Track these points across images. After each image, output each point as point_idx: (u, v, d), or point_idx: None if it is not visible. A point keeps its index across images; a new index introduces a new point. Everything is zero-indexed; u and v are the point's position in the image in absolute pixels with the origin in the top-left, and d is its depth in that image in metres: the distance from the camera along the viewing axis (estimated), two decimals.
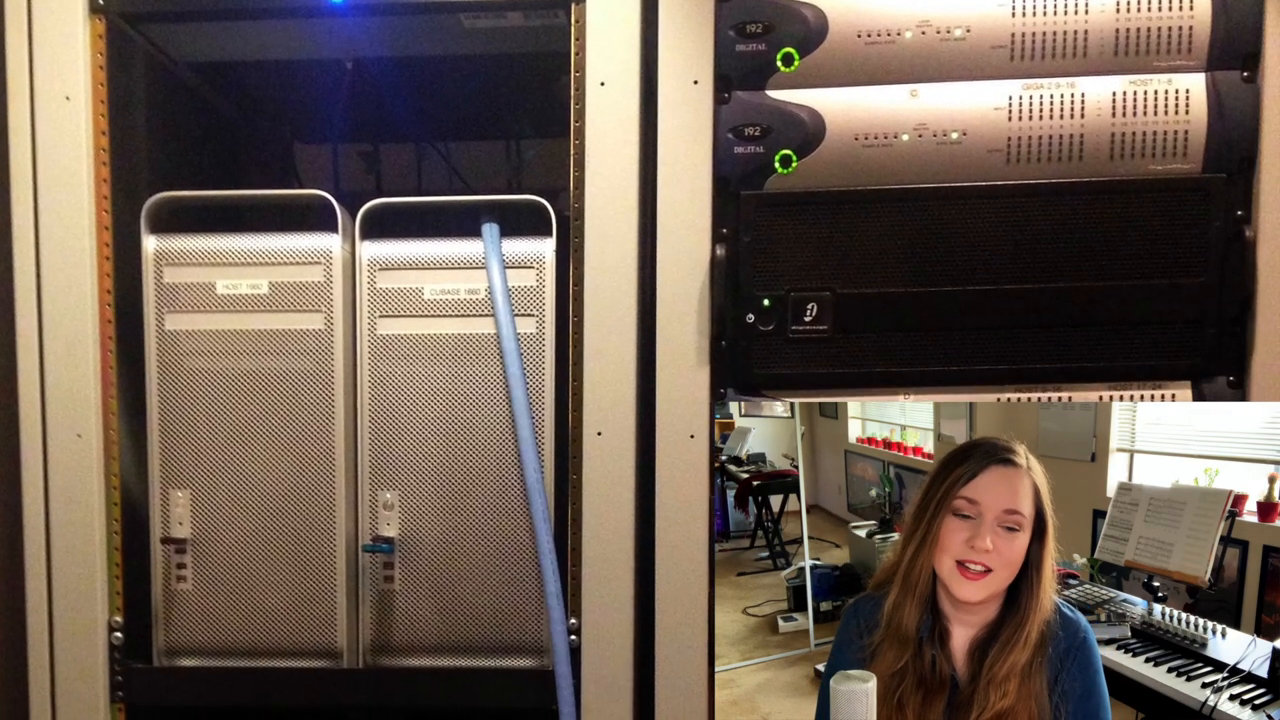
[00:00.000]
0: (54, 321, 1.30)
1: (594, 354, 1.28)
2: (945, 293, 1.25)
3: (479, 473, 1.30)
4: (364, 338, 1.30)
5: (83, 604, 1.32)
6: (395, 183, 1.56)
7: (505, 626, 1.31)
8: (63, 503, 1.31)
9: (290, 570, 1.31)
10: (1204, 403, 1.25)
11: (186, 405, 1.30)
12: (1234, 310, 1.23)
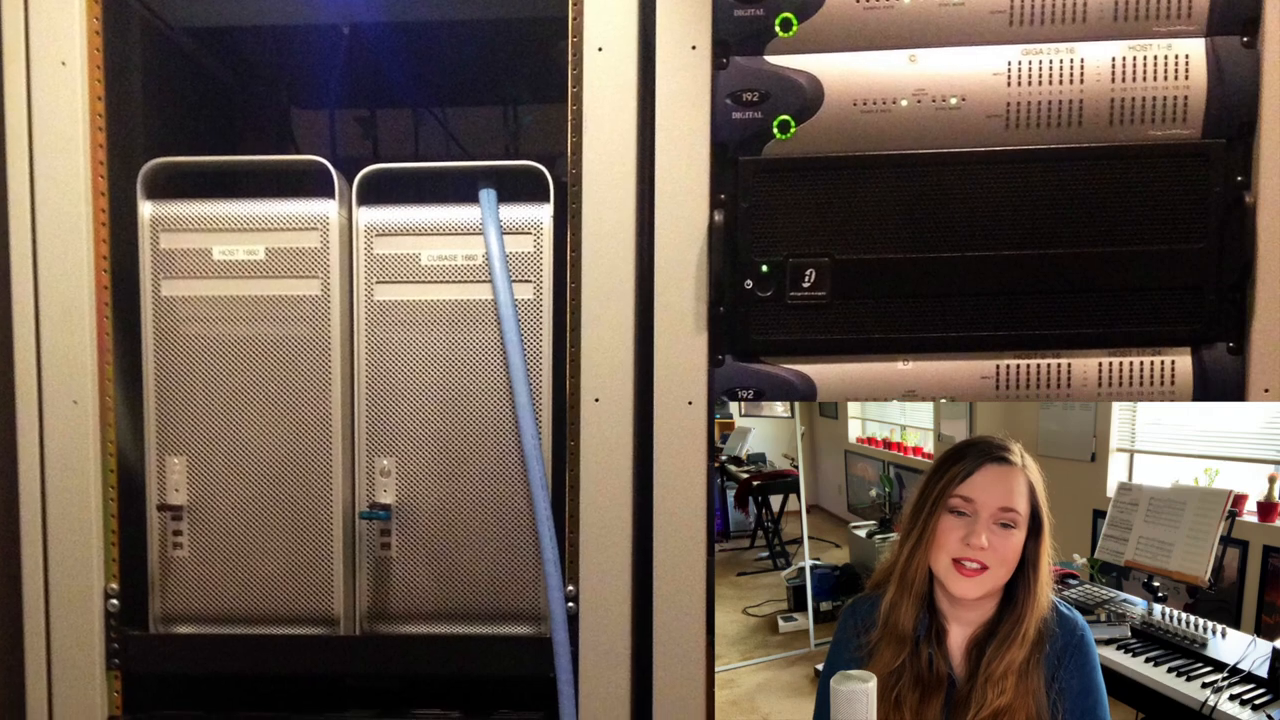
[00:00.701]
0: (50, 288, 1.33)
1: (591, 320, 1.31)
2: (944, 259, 1.28)
3: (476, 439, 1.33)
4: (361, 303, 1.33)
5: (79, 571, 1.35)
6: (392, 148, 1.59)
7: (503, 593, 1.34)
8: (59, 470, 1.34)
9: (287, 537, 1.34)
10: (1204, 403, 1.28)
11: (183, 371, 1.33)
12: (1234, 276, 1.26)
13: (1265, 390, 1.26)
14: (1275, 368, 1.26)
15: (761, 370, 1.31)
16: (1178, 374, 1.28)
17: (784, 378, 1.31)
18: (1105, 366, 1.29)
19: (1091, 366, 1.29)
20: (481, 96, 1.60)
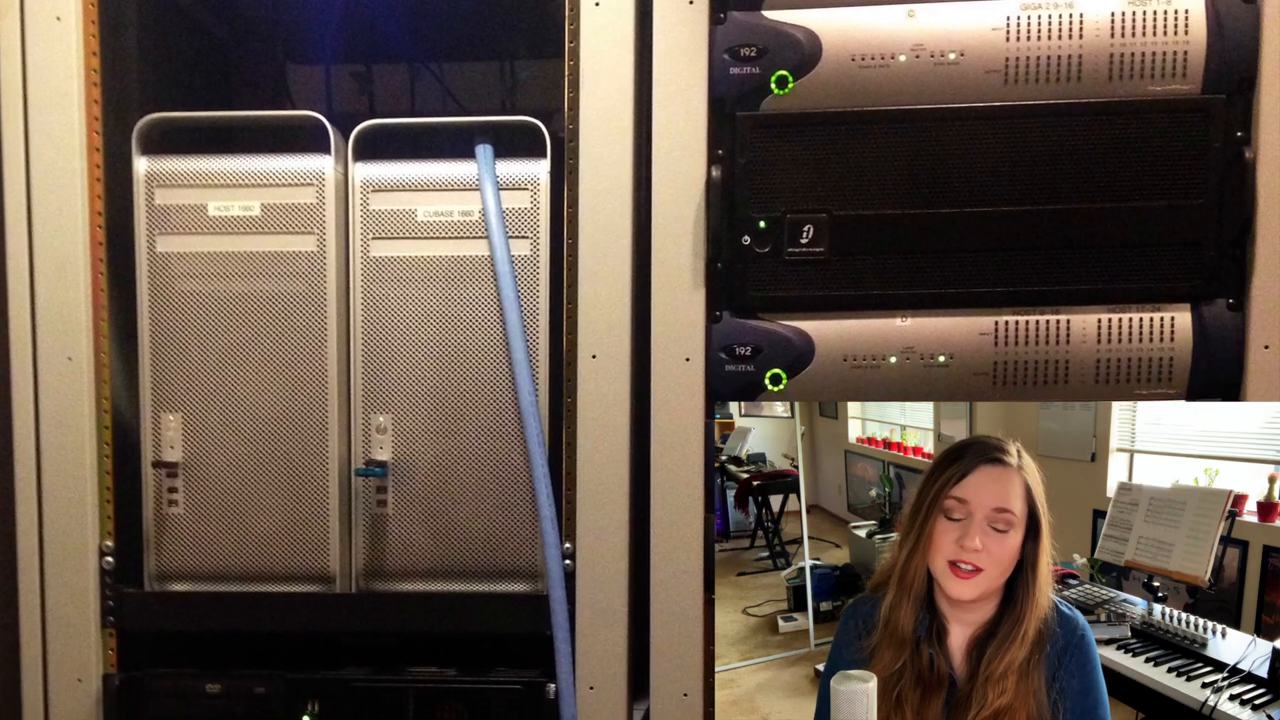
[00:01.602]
0: (44, 244, 1.37)
1: (588, 276, 1.35)
2: (942, 215, 1.32)
3: (473, 396, 1.37)
4: (357, 260, 1.37)
5: (73, 528, 1.39)
6: (388, 104, 1.63)
7: (499, 551, 1.38)
8: (53, 426, 1.38)
9: (282, 494, 1.38)
10: (1203, 402, 1.32)
11: (178, 328, 1.38)
12: (1233, 232, 1.30)
13: (1265, 347, 1.30)
14: (1275, 324, 1.29)
15: (759, 327, 1.35)
16: (1177, 330, 1.32)
17: (782, 334, 1.35)
18: (1104, 323, 1.33)
19: (1090, 323, 1.33)
20: (478, 52, 1.64)
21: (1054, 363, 1.34)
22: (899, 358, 1.35)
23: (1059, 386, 1.33)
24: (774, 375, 1.35)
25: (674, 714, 1.36)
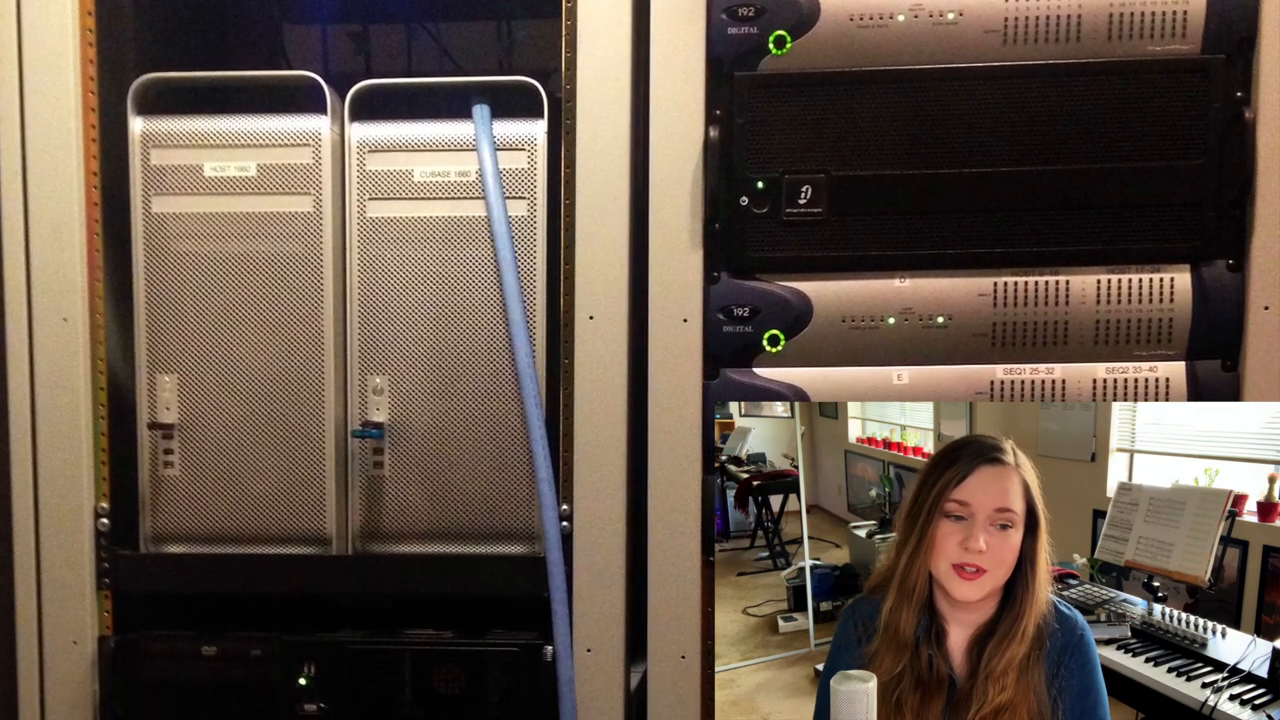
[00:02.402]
0: (39, 204, 1.41)
1: (586, 237, 1.39)
2: (941, 175, 1.35)
3: (470, 357, 1.41)
4: (353, 220, 1.40)
5: (69, 490, 1.43)
6: (385, 64, 1.67)
7: (496, 513, 1.42)
8: (48, 387, 1.42)
9: (279, 456, 1.42)
10: (1203, 402, 1.36)
11: (174, 289, 1.41)
12: (1233, 193, 1.33)
13: (1265, 308, 1.33)
14: (1275, 285, 1.33)
15: (757, 287, 1.39)
16: (1177, 291, 1.35)
17: (779, 295, 1.38)
18: (1104, 283, 1.36)
19: (1090, 284, 1.36)
20: (475, 11, 1.67)
21: (1053, 324, 1.37)
22: (897, 319, 1.38)
23: (1058, 348, 1.37)
24: (772, 336, 1.38)
25: (672, 676, 1.40)
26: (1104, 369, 1.37)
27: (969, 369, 1.38)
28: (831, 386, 1.39)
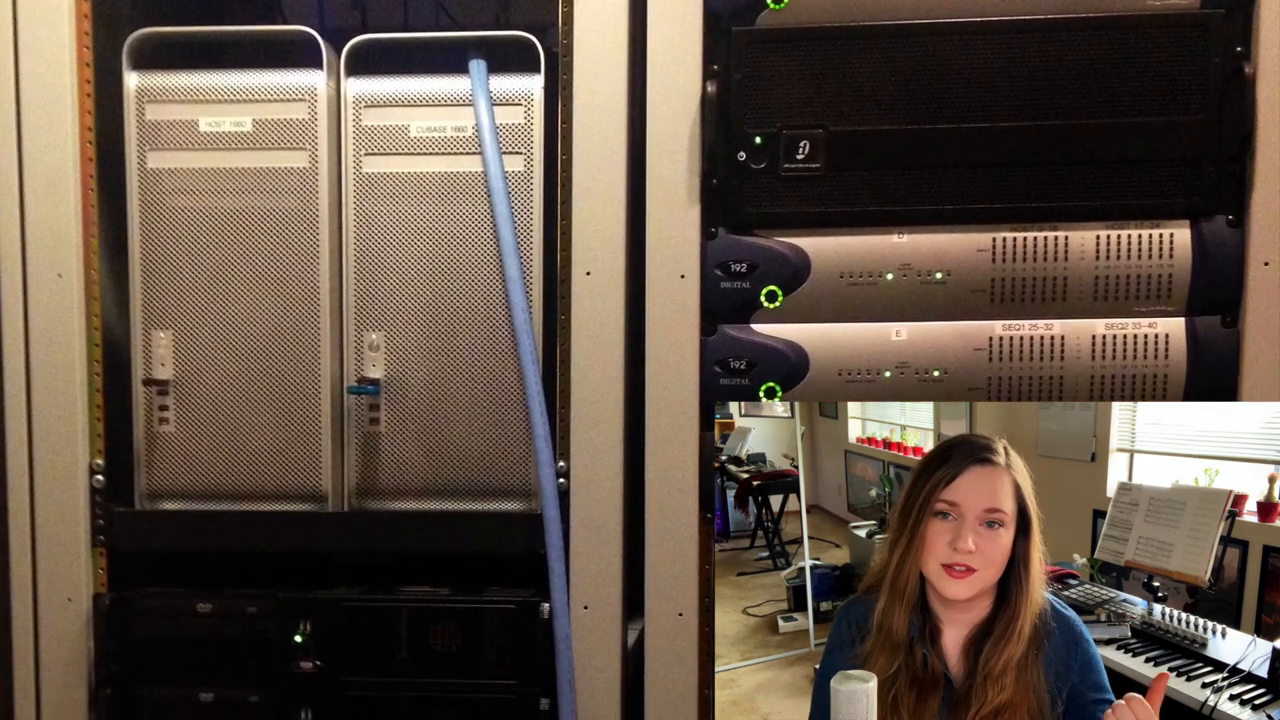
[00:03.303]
0: (34, 159, 1.45)
1: (583, 192, 1.42)
2: (940, 130, 1.39)
3: (466, 313, 1.44)
4: (349, 176, 1.44)
5: (63, 446, 1.46)
6: (381, 19, 1.69)
7: (493, 469, 1.45)
8: (43, 344, 1.45)
9: (274, 412, 1.45)
10: (1203, 402, 1.40)
11: (169, 245, 1.45)
12: (1233, 148, 1.37)
13: (1265, 264, 1.37)
14: (1275, 241, 1.36)
15: (755, 243, 1.42)
16: (1176, 247, 1.38)
17: (778, 250, 1.42)
18: (1103, 239, 1.39)
19: (1089, 239, 1.39)
20: None
21: (1052, 279, 1.40)
22: (896, 274, 1.41)
23: (1057, 304, 1.40)
24: (770, 292, 1.42)
25: (669, 634, 1.43)
26: (1103, 325, 1.40)
27: (968, 325, 1.41)
28: (830, 342, 1.42)
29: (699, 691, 1.43)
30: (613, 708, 1.44)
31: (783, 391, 1.42)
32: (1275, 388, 1.36)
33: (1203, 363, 1.39)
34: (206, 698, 1.45)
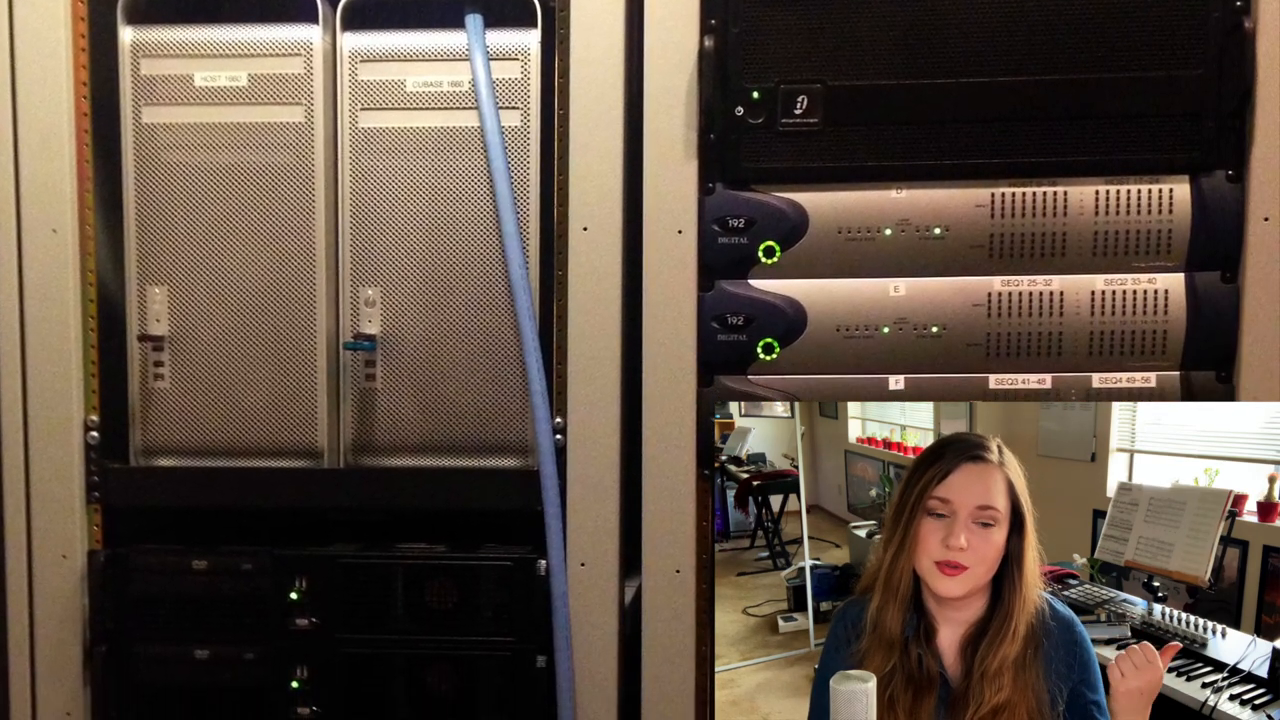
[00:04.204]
0: (28, 114, 1.48)
1: (580, 147, 1.45)
2: (939, 85, 1.42)
3: (463, 269, 1.47)
4: (345, 131, 1.47)
5: (58, 402, 1.50)
6: None
7: (489, 426, 1.48)
8: (37, 299, 1.49)
9: (270, 368, 1.49)
10: (1203, 402, 1.43)
11: (164, 200, 1.48)
12: (1233, 103, 1.40)
13: (1265, 219, 1.40)
14: (1275, 196, 1.39)
15: (753, 198, 1.45)
16: (1176, 202, 1.42)
17: (775, 206, 1.44)
18: (1102, 194, 1.42)
19: (1089, 195, 1.42)
20: None
21: (1051, 235, 1.43)
22: (894, 230, 1.44)
23: (1056, 259, 1.43)
24: (767, 248, 1.45)
25: (667, 591, 1.46)
26: (1102, 280, 1.43)
27: (966, 280, 1.44)
28: (828, 298, 1.45)
29: (696, 648, 1.46)
30: (610, 665, 1.47)
31: (780, 348, 1.45)
32: (1275, 343, 1.39)
33: (1202, 318, 1.42)
34: (202, 655, 1.48)
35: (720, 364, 1.46)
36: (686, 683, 1.46)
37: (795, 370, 1.46)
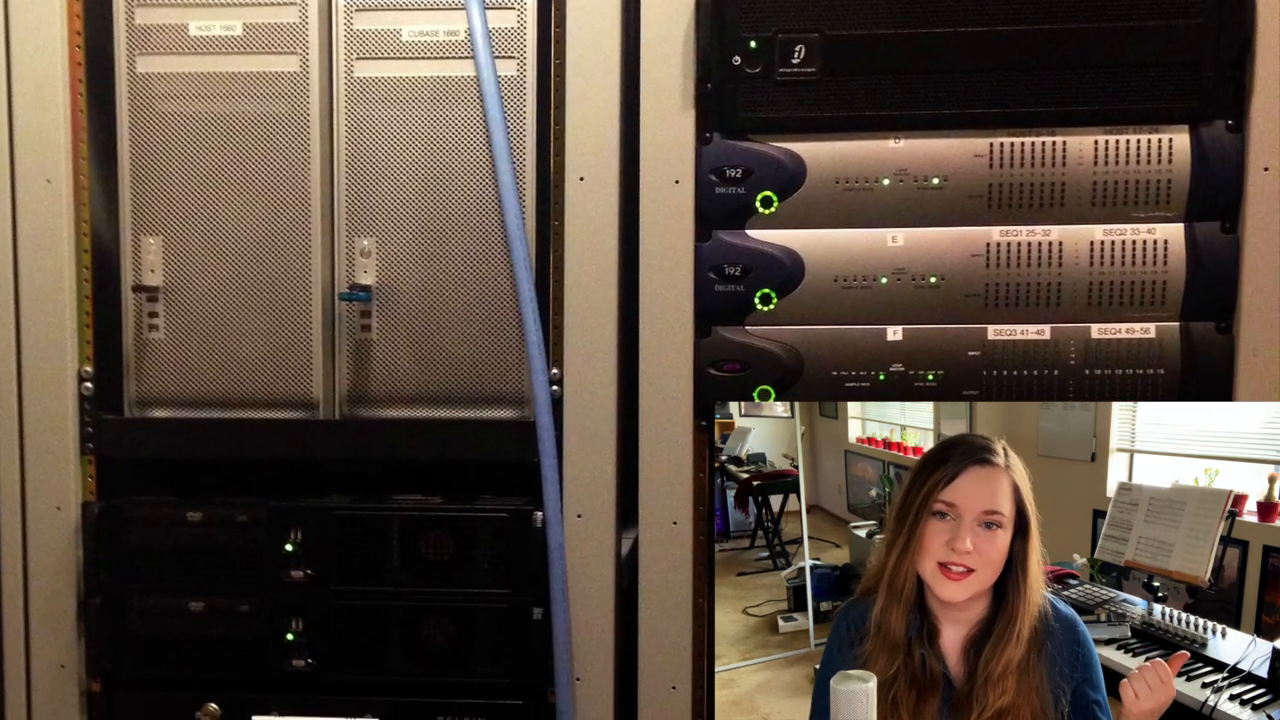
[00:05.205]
0: (22, 64, 1.51)
1: (576, 97, 1.48)
2: (936, 34, 1.45)
3: (459, 219, 1.50)
4: (340, 81, 1.50)
5: (52, 353, 1.53)
6: None
7: (485, 377, 1.51)
8: (31, 250, 1.52)
9: (265, 319, 1.52)
10: (1203, 403, 1.46)
11: (159, 150, 1.52)
12: (1233, 52, 1.43)
13: (1265, 169, 1.42)
14: (1274, 146, 1.42)
15: (750, 148, 1.48)
16: (1175, 152, 1.45)
17: (773, 155, 1.47)
18: (1101, 144, 1.45)
19: (1087, 144, 1.45)
20: None
21: (1050, 185, 1.47)
22: (892, 180, 1.47)
23: (1055, 209, 1.46)
24: (765, 198, 1.48)
25: (664, 542, 1.49)
26: (1101, 230, 1.46)
27: (965, 230, 1.47)
28: (826, 248, 1.48)
29: (693, 600, 1.49)
30: (606, 616, 1.51)
31: (778, 298, 1.47)
32: (1275, 294, 1.42)
33: (1202, 269, 1.45)
34: (196, 607, 1.51)
35: (718, 314, 1.49)
36: (684, 635, 1.50)
37: (793, 321, 1.49)
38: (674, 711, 1.50)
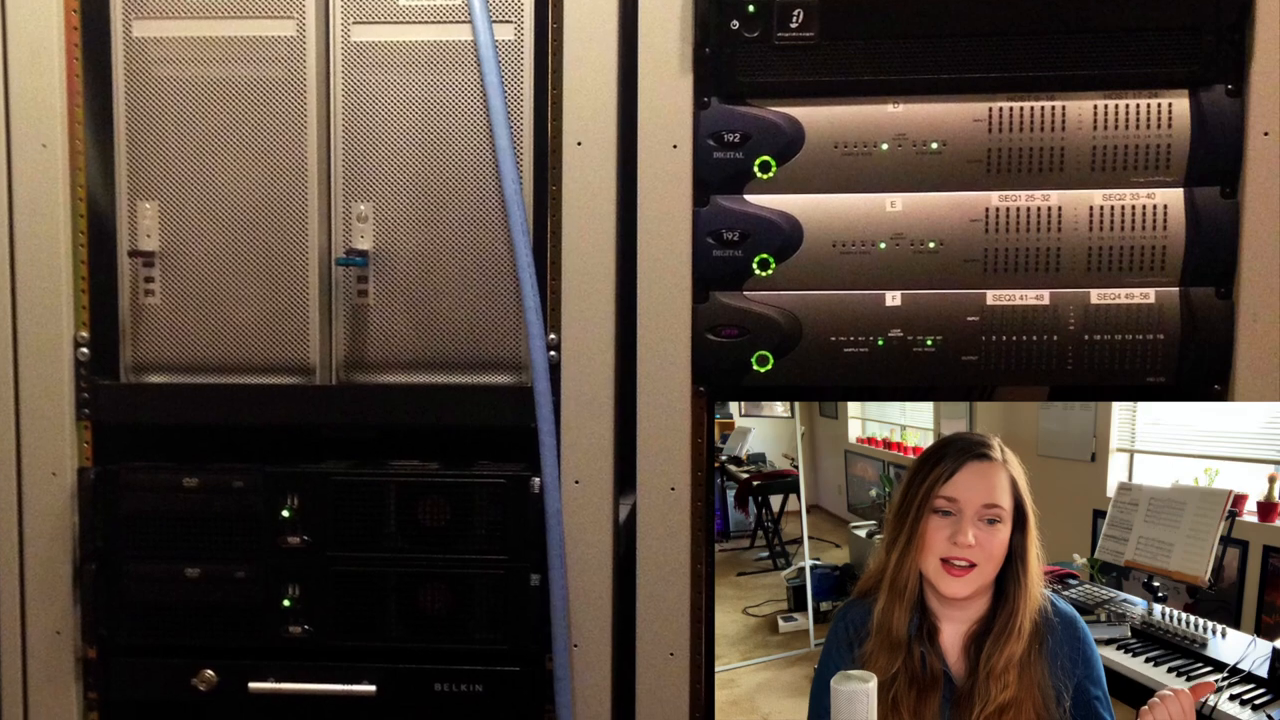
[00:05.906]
0: (17, 28, 1.53)
1: (574, 61, 1.50)
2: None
3: (456, 184, 1.52)
4: (337, 45, 1.52)
5: (48, 319, 1.55)
6: None
7: (483, 342, 1.53)
8: (27, 215, 1.54)
9: (261, 284, 1.54)
10: (1203, 403, 1.49)
11: (155, 114, 1.54)
12: (1233, 16, 1.45)
13: (1265, 134, 1.44)
14: (1274, 110, 1.44)
15: (748, 113, 1.50)
16: (1175, 116, 1.46)
17: (771, 120, 1.49)
18: (1100, 109, 1.47)
19: (1086, 109, 1.47)
20: None
21: (1049, 150, 1.48)
22: (891, 144, 1.49)
23: (1054, 174, 1.48)
24: (763, 162, 1.49)
25: (661, 508, 1.51)
26: (1101, 195, 1.48)
27: (964, 195, 1.49)
28: (824, 213, 1.50)
29: (691, 566, 1.51)
30: (604, 582, 1.53)
31: (776, 263, 1.49)
32: (1275, 259, 1.44)
33: (1202, 234, 1.47)
34: (193, 573, 1.53)
35: (716, 280, 1.51)
36: (681, 600, 1.52)
37: (791, 286, 1.50)
38: (672, 678, 1.53)
